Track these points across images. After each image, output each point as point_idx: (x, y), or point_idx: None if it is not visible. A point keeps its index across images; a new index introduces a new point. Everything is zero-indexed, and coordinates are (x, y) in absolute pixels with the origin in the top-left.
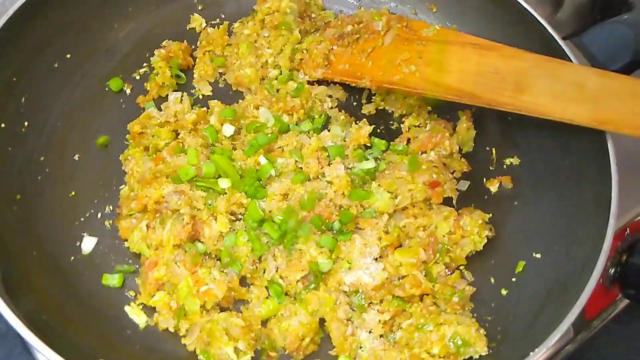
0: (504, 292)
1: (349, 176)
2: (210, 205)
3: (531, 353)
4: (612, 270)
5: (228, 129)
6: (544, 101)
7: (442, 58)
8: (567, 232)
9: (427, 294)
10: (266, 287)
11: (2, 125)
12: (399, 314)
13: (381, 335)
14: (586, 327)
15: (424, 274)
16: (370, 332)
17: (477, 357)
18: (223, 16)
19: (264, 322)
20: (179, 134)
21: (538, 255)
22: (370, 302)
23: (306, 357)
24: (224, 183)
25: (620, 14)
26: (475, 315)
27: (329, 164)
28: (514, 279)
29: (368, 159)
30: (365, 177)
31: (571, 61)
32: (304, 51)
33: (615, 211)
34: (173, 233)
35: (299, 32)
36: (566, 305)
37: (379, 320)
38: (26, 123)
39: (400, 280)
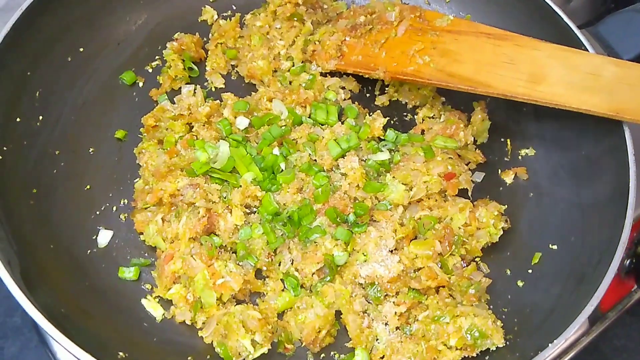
0: (520, 283)
1: (364, 168)
2: (225, 198)
3: (549, 345)
4: (628, 262)
5: (242, 122)
6: (559, 91)
7: (456, 48)
8: (584, 223)
9: (443, 286)
10: (282, 280)
11: (17, 119)
12: (415, 306)
13: (397, 328)
14: (601, 318)
15: (439, 266)
16: (386, 324)
17: (494, 348)
18: (235, 8)
19: (280, 315)
20: (192, 127)
21: (554, 247)
22: (386, 295)
23: (323, 349)
24: (248, 176)
25: (635, 2)
26: (491, 307)
27: (343, 157)
28: (530, 271)
29: (382, 151)
30: (380, 169)
31: (587, 50)
32: (317, 42)
33: (633, 201)
34: (189, 226)
35: (311, 23)
36: (583, 296)
37: (395, 313)
38: (40, 117)
39: (416, 272)
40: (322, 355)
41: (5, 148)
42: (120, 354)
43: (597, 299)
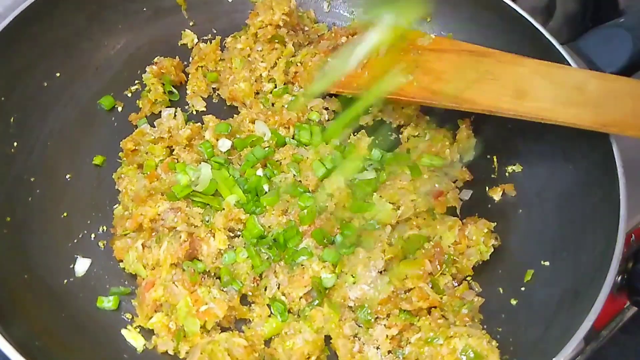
0: (513, 302)
1: (349, 188)
2: (207, 222)
3: None
4: (619, 278)
5: (224, 144)
6: (545, 105)
7: (439, 67)
8: (575, 238)
9: (435, 307)
10: (268, 305)
11: None
12: (407, 329)
13: (389, 351)
14: (595, 337)
15: (430, 286)
16: (377, 348)
17: None
18: (215, 31)
19: (267, 342)
20: (173, 150)
21: (547, 263)
22: (377, 317)
23: None
24: (232, 199)
25: (612, 19)
26: (485, 327)
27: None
28: (523, 289)
29: (368, 170)
30: (366, 189)
31: (570, 66)
32: (299, 64)
33: (625, 214)
34: (170, 252)
35: (293, 45)
36: (580, 312)
37: (387, 336)
38: (15, 143)
39: (407, 293)
40: None
41: None
42: None
43: (594, 314)
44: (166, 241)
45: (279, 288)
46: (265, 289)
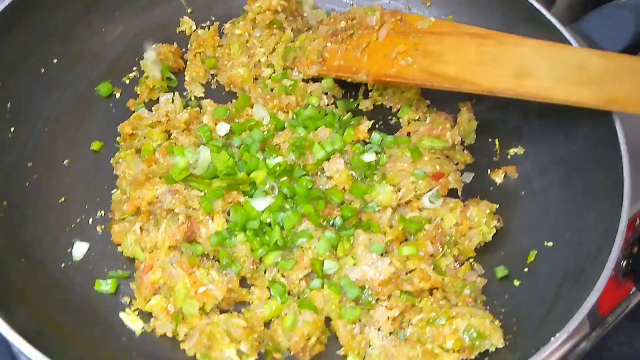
0: (516, 282)
1: (349, 170)
2: (205, 205)
3: (552, 339)
4: (624, 263)
5: (222, 128)
6: (546, 85)
7: (439, 49)
8: (578, 218)
9: (437, 288)
10: (268, 288)
11: None
12: (409, 310)
13: (391, 333)
14: (601, 323)
15: (432, 267)
16: (379, 329)
17: (494, 349)
18: (213, 18)
19: (267, 324)
20: (171, 134)
21: (550, 244)
22: (378, 299)
23: (313, 358)
24: (216, 183)
25: None
26: (488, 307)
27: (328, 160)
28: (526, 269)
29: (368, 153)
30: (367, 172)
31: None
32: (298, 49)
33: (628, 192)
34: (168, 234)
35: (292, 31)
36: (584, 290)
37: (388, 317)
38: (12, 129)
39: (408, 274)
40: None
41: None
42: None
43: (598, 291)
44: (164, 224)
45: (278, 270)
46: (265, 272)
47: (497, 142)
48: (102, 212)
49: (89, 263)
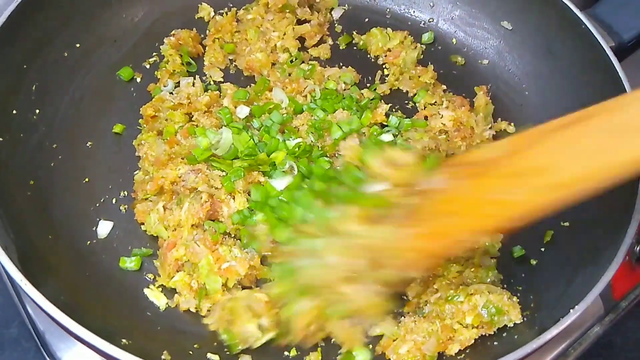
0: (533, 262)
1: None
2: (227, 184)
3: (571, 311)
4: (638, 248)
5: (242, 110)
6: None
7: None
8: (595, 198)
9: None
10: None
11: (14, 111)
12: (425, 291)
13: (408, 312)
14: (614, 307)
15: None
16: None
17: (512, 325)
18: (231, 5)
19: None
20: (192, 116)
21: (566, 224)
22: None
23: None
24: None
25: None
26: (505, 286)
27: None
28: (542, 249)
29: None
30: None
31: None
32: None
33: None
34: (191, 212)
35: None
36: (601, 266)
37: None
38: (37, 110)
39: None
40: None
41: (1, 139)
42: (124, 340)
43: (617, 264)
44: (187, 202)
45: None
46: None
47: (513, 126)
48: (125, 193)
49: (113, 241)
